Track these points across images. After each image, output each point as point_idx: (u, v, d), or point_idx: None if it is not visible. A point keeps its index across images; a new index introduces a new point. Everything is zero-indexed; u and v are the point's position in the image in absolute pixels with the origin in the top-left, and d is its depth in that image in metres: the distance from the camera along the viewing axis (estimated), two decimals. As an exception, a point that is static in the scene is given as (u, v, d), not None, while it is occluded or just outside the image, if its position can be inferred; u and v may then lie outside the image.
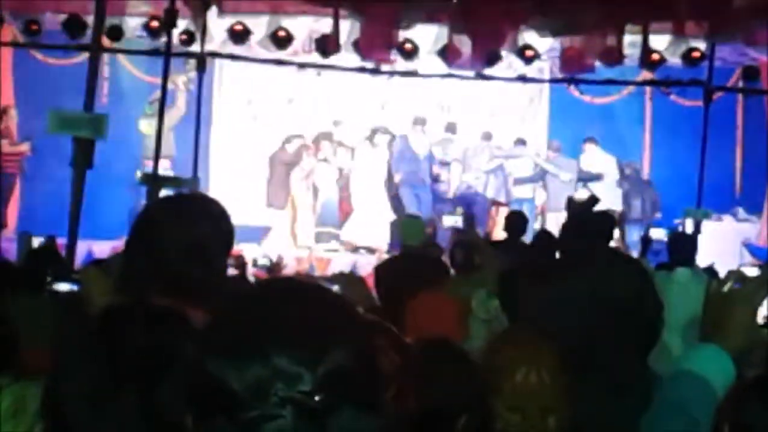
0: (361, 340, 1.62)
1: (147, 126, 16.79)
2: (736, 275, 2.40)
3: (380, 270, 8.90)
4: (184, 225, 2.80)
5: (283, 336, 1.55)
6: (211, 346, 1.59)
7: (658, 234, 10.44)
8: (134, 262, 2.85)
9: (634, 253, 11.28)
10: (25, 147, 16.94)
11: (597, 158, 18.06)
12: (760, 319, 2.40)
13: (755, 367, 3.61)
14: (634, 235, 15.99)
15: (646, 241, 10.38)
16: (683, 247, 8.95)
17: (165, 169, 15.27)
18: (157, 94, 16.72)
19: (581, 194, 10.25)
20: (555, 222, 14.57)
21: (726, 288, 2.39)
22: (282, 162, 17.67)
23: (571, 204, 9.63)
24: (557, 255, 9.95)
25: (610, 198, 16.37)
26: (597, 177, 17.84)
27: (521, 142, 18.43)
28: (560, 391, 2.88)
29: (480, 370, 2.94)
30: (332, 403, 1.52)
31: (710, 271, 9.56)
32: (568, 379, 2.94)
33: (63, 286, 4.21)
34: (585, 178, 17.75)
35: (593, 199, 9.98)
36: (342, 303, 1.67)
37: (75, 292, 3.99)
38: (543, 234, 10.66)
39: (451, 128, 18.33)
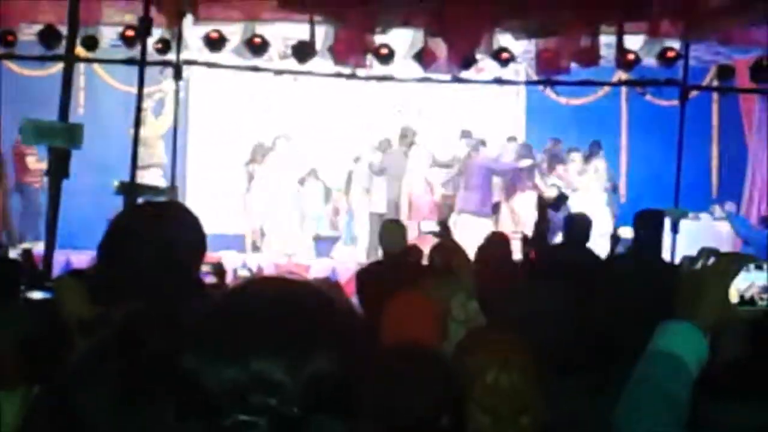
0: (345, 344, 1.56)
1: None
2: (708, 252, 2.39)
3: (361, 275, 8.93)
4: (155, 231, 2.79)
5: (263, 339, 1.49)
6: (189, 345, 1.53)
7: (627, 233, 10.48)
8: (107, 269, 2.85)
9: None
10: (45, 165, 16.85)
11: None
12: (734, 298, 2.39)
13: (728, 351, 3.62)
14: None
15: (615, 239, 10.42)
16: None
17: (157, 177, 15.20)
18: (148, 103, 16.75)
19: (550, 191, 10.22)
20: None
21: (698, 265, 2.37)
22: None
23: (541, 201, 9.62)
24: (525, 254, 9.97)
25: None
26: (615, 187, 17.97)
27: (513, 139, 18.36)
28: (532, 391, 2.87)
29: (454, 372, 2.93)
30: (312, 412, 1.47)
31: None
32: (544, 380, 2.94)
33: (36, 295, 4.19)
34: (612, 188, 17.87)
35: (562, 197, 9.99)
36: (327, 305, 1.60)
37: (48, 300, 3.97)
38: (495, 236, 10.59)
39: (466, 134, 18.29)
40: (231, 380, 1.47)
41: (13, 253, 12.62)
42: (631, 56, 14.41)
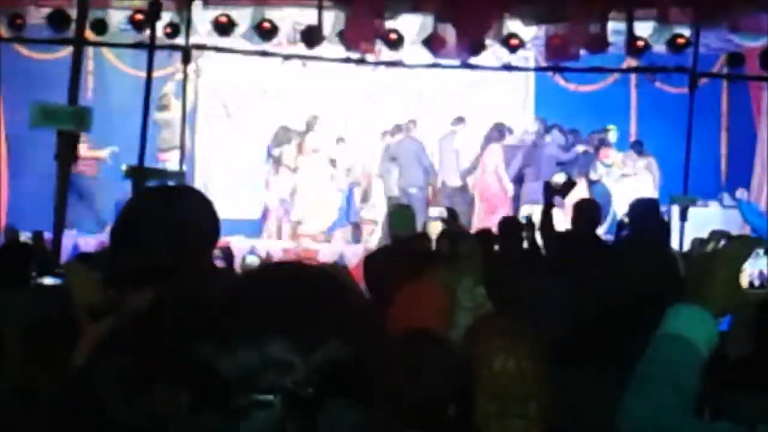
0: (358, 331, 1.58)
1: (159, 118, 16.79)
2: (719, 235, 2.37)
3: (369, 260, 8.91)
4: (169, 215, 2.78)
5: (277, 322, 1.52)
6: (204, 329, 1.56)
7: None
8: (119, 253, 2.84)
9: None
10: (104, 153, 16.81)
11: None
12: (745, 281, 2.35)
13: (743, 338, 3.60)
14: None
15: (620, 226, 10.38)
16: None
17: (177, 159, 15.16)
18: (169, 87, 16.73)
19: (558, 177, 10.15)
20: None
21: (709, 247, 2.35)
22: None
23: (549, 187, 9.56)
24: (536, 241, 9.97)
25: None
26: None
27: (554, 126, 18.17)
28: (540, 378, 2.86)
29: (463, 359, 2.93)
30: (323, 395, 1.50)
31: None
32: (554, 367, 2.94)
33: (47, 281, 4.18)
34: None
35: (570, 183, 9.94)
36: (341, 291, 1.63)
37: (58, 286, 3.97)
38: (508, 220, 10.55)
39: (459, 121, 18.20)
40: (245, 362, 1.49)
41: (23, 237, 12.63)
42: (640, 43, 14.38)
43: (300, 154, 17.49)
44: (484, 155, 17.44)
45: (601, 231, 14.88)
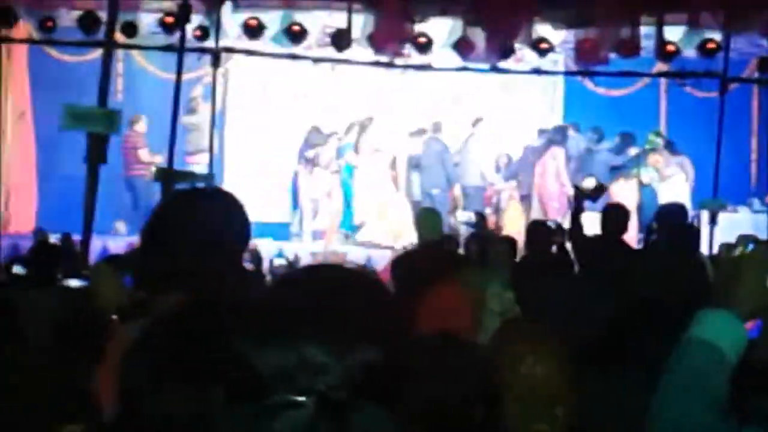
0: (391, 335, 1.60)
1: (187, 121, 16.85)
2: (747, 239, 2.36)
3: (397, 263, 8.91)
4: (199, 219, 2.77)
5: (314, 324, 1.53)
6: (242, 327, 1.57)
7: None
8: (148, 256, 2.84)
9: None
10: (159, 158, 16.96)
11: None
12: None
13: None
14: None
15: (649, 231, 10.33)
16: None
17: (205, 162, 15.21)
18: (198, 89, 16.81)
19: (588, 182, 10.09)
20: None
21: (737, 252, 2.34)
22: None
23: (578, 192, 9.50)
24: (566, 246, 9.93)
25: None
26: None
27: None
28: (567, 381, 2.86)
29: (490, 363, 2.93)
30: (356, 399, 1.51)
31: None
32: (581, 370, 2.93)
33: (73, 283, 4.19)
34: None
35: (601, 187, 9.90)
36: (378, 295, 1.65)
37: (83, 288, 3.98)
38: (537, 225, 10.51)
39: (478, 122, 18.18)
40: (280, 363, 1.51)
41: (53, 239, 12.69)
42: (671, 47, 14.33)
43: (358, 154, 17.53)
44: (544, 158, 17.45)
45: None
